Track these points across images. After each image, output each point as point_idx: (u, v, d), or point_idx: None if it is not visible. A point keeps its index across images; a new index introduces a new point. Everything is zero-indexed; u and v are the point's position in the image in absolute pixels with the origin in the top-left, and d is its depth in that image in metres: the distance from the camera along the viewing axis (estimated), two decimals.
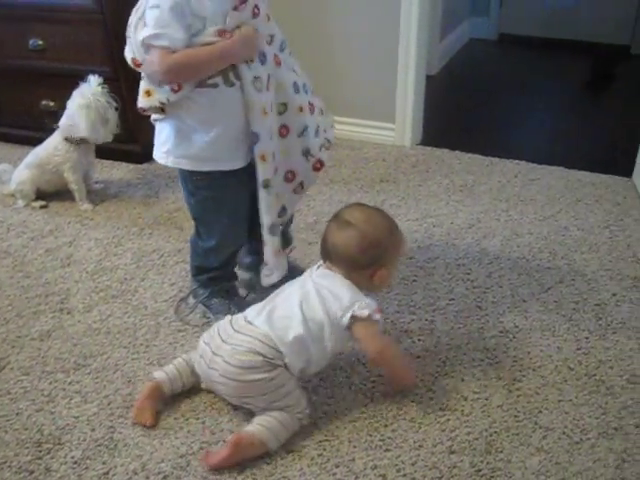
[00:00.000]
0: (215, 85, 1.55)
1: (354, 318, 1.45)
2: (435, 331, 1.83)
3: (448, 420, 1.55)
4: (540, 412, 1.57)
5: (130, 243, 2.27)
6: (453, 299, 1.95)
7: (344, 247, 1.50)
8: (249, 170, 1.65)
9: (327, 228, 1.55)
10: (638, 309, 1.92)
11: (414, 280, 2.04)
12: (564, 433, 1.51)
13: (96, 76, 2.40)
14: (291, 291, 1.53)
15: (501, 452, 1.47)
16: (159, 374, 1.58)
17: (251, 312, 1.53)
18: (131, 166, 2.83)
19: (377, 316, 1.47)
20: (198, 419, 1.56)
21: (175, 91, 1.54)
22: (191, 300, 1.93)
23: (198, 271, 1.89)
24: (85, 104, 2.36)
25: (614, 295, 1.98)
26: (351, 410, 1.58)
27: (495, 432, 1.52)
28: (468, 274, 2.06)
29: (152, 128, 1.72)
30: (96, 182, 2.68)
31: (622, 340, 1.80)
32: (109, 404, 1.61)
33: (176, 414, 1.58)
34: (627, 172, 2.70)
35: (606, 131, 3.22)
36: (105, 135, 2.45)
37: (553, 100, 3.72)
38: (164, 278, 2.08)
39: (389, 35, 2.75)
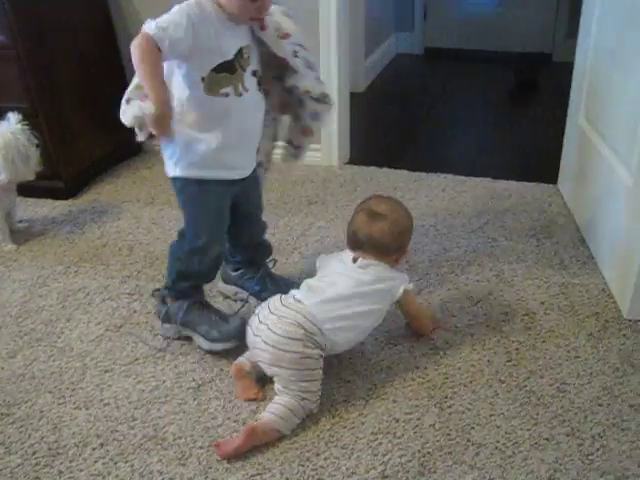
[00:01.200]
0: (226, 94, 1.61)
1: (405, 291, 1.70)
2: (365, 353, 1.81)
3: (380, 444, 1.53)
4: (472, 428, 1.57)
5: (55, 283, 2.21)
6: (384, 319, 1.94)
7: (379, 236, 1.68)
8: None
9: (355, 221, 1.73)
10: (566, 316, 1.94)
11: None
12: (496, 448, 1.51)
13: (15, 113, 2.34)
14: (335, 277, 1.67)
15: (434, 472, 1.46)
16: (239, 359, 1.68)
17: (299, 293, 1.65)
18: (56, 202, 2.76)
19: (411, 285, 1.74)
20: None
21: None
22: (167, 325, 1.88)
23: (179, 277, 1.84)
24: (2, 144, 2.29)
25: (542, 304, 2.00)
26: (282, 440, 1.55)
27: (428, 452, 1.51)
28: None
29: (74, 163, 1.71)
30: (20, 221, 2.60)
31: (551, 349, 1.81)
32: (34, 454, 1.55)
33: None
34: (552, 179, 2.74)
35: (531, 139, 3.28)
36: (27, 173, 2.38)
37: (479, 111, 3.78)
38: (90, 317, 2.03)
39: None
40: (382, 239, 1.68)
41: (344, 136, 2.95)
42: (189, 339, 1.87)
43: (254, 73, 1.66)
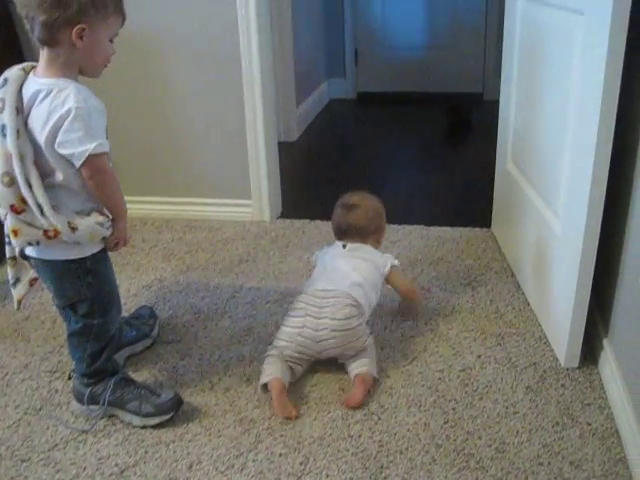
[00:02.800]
0: None
1: (392, 267, 1.99)
2: (297, 424, 1.72)
3: None
4: None
5: None
6: (315, 385, 1.86)
7: (357, 222, 2.00)
8: None
9: (336, 216, 2.06)
10: (503, 369, 1.89)
11: None
12: None
13: None
14: (334, 264, 1.95)
15: None
16: (270, 374, 1.77)
17: (314, 285, 1.90)
18: None
19: (397, 262, 2.03)
20: None
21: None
22: (93, 406, 1.78)
23: (97, 356, 1.75)
24: None
25: (479, 357, 1.95)
26: None
27: None
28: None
29: None
30: None
31: (489, 406, 1.76)
32: None
33: None
34: (486, 223, 2.72)
35: (464, 182, 3.27)
36: None
37: (413, 155, 3.78)
38: (8, 400, 1.90)
39: (235, 112, 2.71)
40: (360, 223, 2.00)
41: (274, 189, 2.90)
42: (113, 416, 1.77)
43: None
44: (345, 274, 1.89)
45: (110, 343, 1.76)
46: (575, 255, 1.77)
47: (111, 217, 1.61)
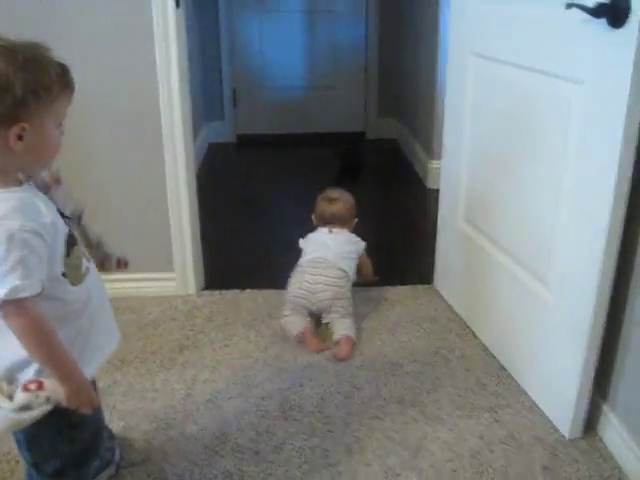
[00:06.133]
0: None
1: (364, 249, 2.47)
2: None
3: None
4: None
5: None
6: None
7: (339, 212, 2.46)
8: None
9: (321, 207, 2.49)
10: (511, 449, 1.77)
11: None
12: None
13: None
14: (325, 242, 2.40)
15: None
16: (298, 325, 2.26)
17: (309, 256, 2.37)
18: None
19: (364, 244, 2.47)
20: None
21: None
22: None
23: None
24: None
25: (482, 438, 1.82)
26: None
27: None
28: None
29: None
30: None
31: None
32: None
33: None
34: (423, 278, 2.64)
35: (379, 231, 3.14)
36: None
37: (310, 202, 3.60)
38: None
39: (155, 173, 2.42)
40: (341, 213, 2.46)
41: (198, 258, 2.61)
42: None
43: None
44: (333, 249, 2.35)
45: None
46: (577, 326, 1.70)
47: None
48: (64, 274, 1.21)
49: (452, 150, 2.34)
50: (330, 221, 2.45)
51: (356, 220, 2.52)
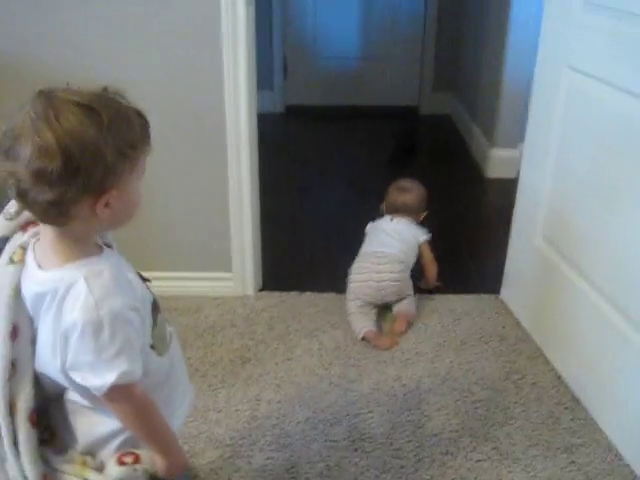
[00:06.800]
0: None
1: (425, 240, 2.47)
2: None
3: None
4: None
5: None
6: None
7: (410, 202, 2.50)
8: None
9: (392, 196, 2.53)
10: None
11: None
12: None
13: None
14: (387, 231, 2.44)
15: None
16: (363, 326, 2.28)
17: (371, 247, 2.42)
18: None
19: (428, 236, 2.48)
20: None
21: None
22: None
23: None
24: None
25: None
26: None
27: None
28: None
29: None
30: None
31: None
32: None
33: None
34: (488, 287, 2.55)
35: (439, 222, 3.03)
36: None
37: (360, 188, 3.47)
38: None
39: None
40: (412, 203, 2.50)
41: (257, 258, 2.52)
42: None
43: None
44: (394, 241, 2.39)
45: None
46: None
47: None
48: (152, 346, 1.14)
49: (534, 163, 2.21)
50: (398, 210, 2.49)
51: (426, 212, 2.57)
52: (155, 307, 1.16)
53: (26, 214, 1.08)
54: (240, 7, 2.11)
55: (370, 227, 2.51)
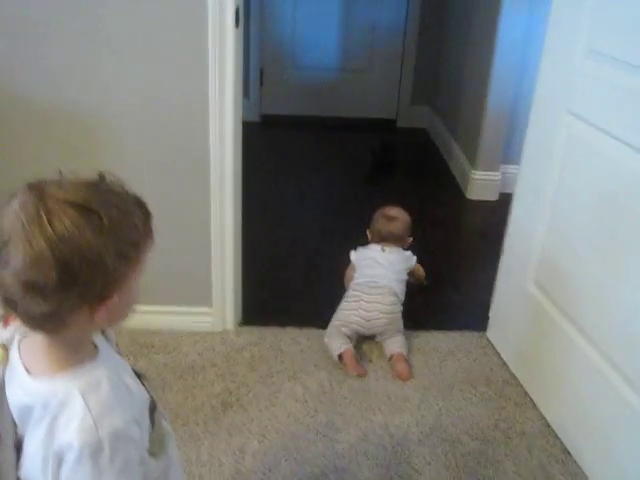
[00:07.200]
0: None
1: (414, 261, 2.49)
2: None
3: None
4: None
5: None
6: None
7: (397, 231, 2.49)
8: None
9: (379, 224, 2.51)
10: None
11: None
12: None
13: None
14: (378, 261, 2.40)
15: None
16: (341, 345, 2.26)
17: (363, 277, 2.38)
18: None
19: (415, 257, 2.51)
20: None
21: None
22: None
23: None
24: None
25: None
26: None
27: None
28: None
29: None
30: None
31: None
32: None
33: None
34: (472, 323, 2.51)
35: (430, 249, 2.97)
36: None
37: (335, 210, 3.40)
38: None
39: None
40: (398, 232, 2.49)
41: (237, 292, 2.43)
42: None
43: None
44: (387, 270, 2.38)
45: None
46: None
47: None
48: (149, 450, 1.05)
49: (527, 206, 2.16)
50: (385, 239, 2.48)
51: (411, 239, 2.55)
52: (152, 407, 1.07)
53: None
54: (229, 33, 2.03)
55: (358, 255, 2.47)
